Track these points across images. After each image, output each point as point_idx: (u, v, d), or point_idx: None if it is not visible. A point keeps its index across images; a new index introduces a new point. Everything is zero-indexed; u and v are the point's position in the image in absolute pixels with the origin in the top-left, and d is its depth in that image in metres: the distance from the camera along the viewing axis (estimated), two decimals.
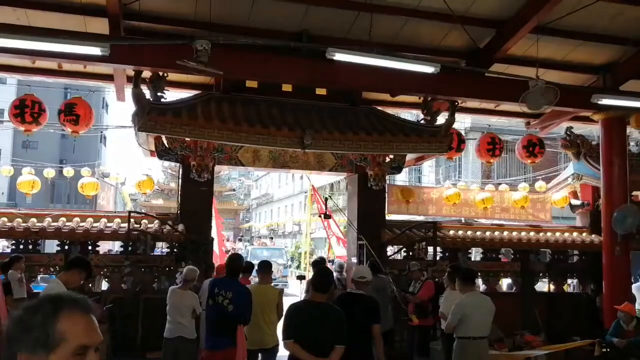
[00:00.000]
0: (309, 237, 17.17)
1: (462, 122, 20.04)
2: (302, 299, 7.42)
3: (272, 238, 36.11)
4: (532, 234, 10.61)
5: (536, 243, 10.35)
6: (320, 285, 4.23)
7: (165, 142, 8.51)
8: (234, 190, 49.65)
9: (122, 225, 8.53)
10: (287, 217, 43.73)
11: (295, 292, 16.12)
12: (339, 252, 13.08)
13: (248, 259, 21.01)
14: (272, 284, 6.71)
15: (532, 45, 8.10)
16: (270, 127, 7.98)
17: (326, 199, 10.53)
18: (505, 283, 11.92)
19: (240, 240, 34.42)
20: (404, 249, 9.67)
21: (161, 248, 9.39)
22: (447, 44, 8.31)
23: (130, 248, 8.38)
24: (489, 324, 5.64)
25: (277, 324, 6.01)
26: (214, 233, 9.67)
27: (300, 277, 10.95)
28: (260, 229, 51.13)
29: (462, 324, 5.54)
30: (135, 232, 8.36)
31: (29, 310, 1.31)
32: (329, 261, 14.56)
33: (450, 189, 11.43)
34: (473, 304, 5.55)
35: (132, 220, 8.47)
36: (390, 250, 10.37)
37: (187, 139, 8.36)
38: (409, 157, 9.76)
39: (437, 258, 9.68)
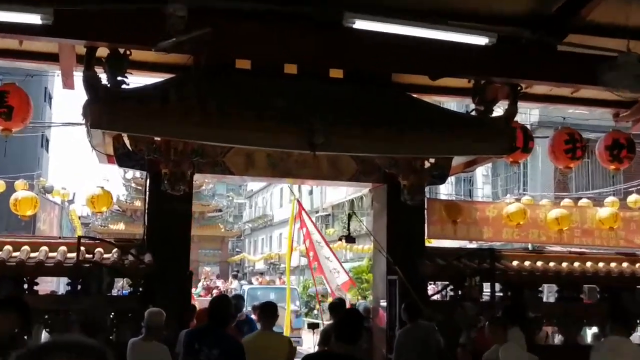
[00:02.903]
0: (289, 272, 17.32)
1: (528, 114, 19.98)
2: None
3: (281, 274, 36.11)
4: (625, 265, 10.49)
5: (631, 277, 10.22)
6: (345, 333, 4.23)
7: (127, 143, 8.53)
8: (220, 210, 49.77)
9: (70, 255, 8.52)
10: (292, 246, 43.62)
11: (308, 347, 16.12)
12: (334, 284, 13.33)
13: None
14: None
15: (621, 9, 8.03)
16: (268, 122, 7.96)
17: (349, 216, 10.53)
18: (590, 333, 11.74)
19: (235, 277, 34.35)
20: (451, 286, 9.60)
21: (122, 286, 9.39)
22: (506, 9, 8.26)
23: (79, 286, 8.36)
24: None
25: None
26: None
27: (313, 326, 10.91)
28: (256, 262, 51.16)
29: None
30: (87, 265, 8.35)
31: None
32: (352, 304, 14.55)
33: (513, 205, 11.35)
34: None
35: (82, 248, 8.45)
36: (431, 288, 10.27)
37: (156, 138, 8.37)
38: (456, 161, 9.72)
39: (496, 298, 9.58)
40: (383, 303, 9.75)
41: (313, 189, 40.71)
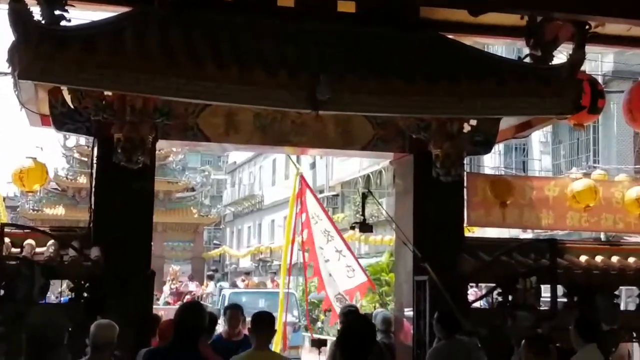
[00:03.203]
0: (285, 272, 16.92)
1: (599, 61, 19.84)
2: None
3: (274, 274, 36.41)
4: None
5: None
6: (349, 348, 4.31)
7: (68, 98, 8.51)
8: (192, 190, 49.90)
9: None
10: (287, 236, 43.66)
11: None
12: (331, 292, 13.36)
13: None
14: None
15: None
16: (256, 71, 7.94)
17: (364, 197, 10.42)
18: None
19: (211, 278, 34.45)
20: (499, 290, 9.61)
21: (60, 291, 9.37)
22: None
23: (2, 291, 8.35)
24: None
25: None
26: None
27: (318, 343, 10.90)
28: (241, 258, 51.39)
29: None
30: (13, 263, 8.32)
31: None
32: (366, 313, 14.59)
33: (580, 181, 11.30)
34: None
35: (7, 240, 8.46)
36: (472, 292, 10.25)
37: (107, 92, 8.34)
38: (505, 123, 9.73)
39: (558, 305, 9.60)
40: (408, 312, 9.73)
41: (316, 161, 40.70)
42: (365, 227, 10.86)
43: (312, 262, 14.43)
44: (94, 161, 9.21)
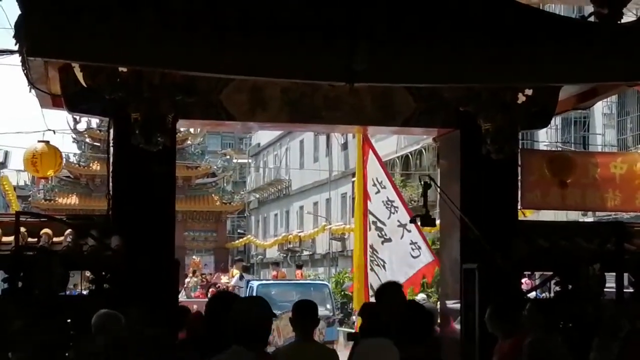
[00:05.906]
0: (360, 253, 15.72)
1: None
2: None
3: (301, 266, 36.80)
4: None
5: None
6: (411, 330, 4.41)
7: (80, 76, 8.54)
8: (213, 175, 50.03)
9: (5, 240, 8.63)
10: (317, 224, 43.85)
11: None
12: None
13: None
14: None
15: None
16: (283, 39, 7.89)
17: (425, 185, 9.98)
18: None
19: (247, 270, 33.98)
20: (557, 278, 9.53)
21: (79, 283, 9.45)
22: None
23: (20, 282, 8.41)
24: None
25: None
26: None
27: (355, 338, 10.94)
28: (267, 248, 51.54)
29: None
30: (30, 253, 8.42)
31: None
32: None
33: None
34: None
35: (22, 229, 8.56)
36: (526, 282, 10.21)
37: (122, 68, 8.36)
38: (565, 92, 9.66)
39: (625, 294, 9.57)
40: (454, 305, 9.74)
41: (348, 140, 40.57)
42: (427, 220, 10.24)
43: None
44: (111, 144, 9.28)
